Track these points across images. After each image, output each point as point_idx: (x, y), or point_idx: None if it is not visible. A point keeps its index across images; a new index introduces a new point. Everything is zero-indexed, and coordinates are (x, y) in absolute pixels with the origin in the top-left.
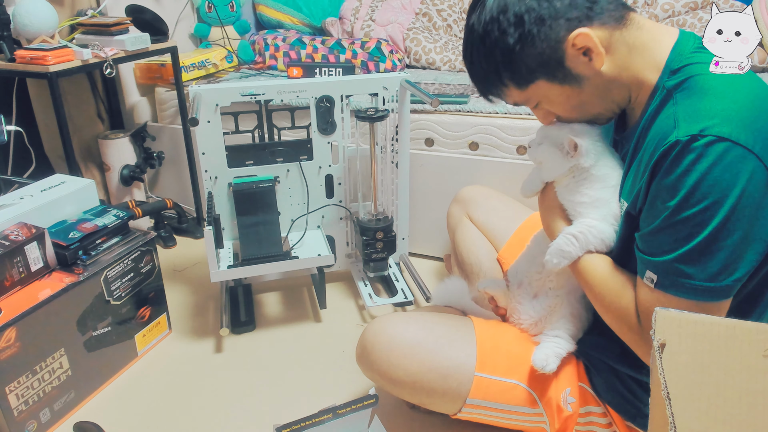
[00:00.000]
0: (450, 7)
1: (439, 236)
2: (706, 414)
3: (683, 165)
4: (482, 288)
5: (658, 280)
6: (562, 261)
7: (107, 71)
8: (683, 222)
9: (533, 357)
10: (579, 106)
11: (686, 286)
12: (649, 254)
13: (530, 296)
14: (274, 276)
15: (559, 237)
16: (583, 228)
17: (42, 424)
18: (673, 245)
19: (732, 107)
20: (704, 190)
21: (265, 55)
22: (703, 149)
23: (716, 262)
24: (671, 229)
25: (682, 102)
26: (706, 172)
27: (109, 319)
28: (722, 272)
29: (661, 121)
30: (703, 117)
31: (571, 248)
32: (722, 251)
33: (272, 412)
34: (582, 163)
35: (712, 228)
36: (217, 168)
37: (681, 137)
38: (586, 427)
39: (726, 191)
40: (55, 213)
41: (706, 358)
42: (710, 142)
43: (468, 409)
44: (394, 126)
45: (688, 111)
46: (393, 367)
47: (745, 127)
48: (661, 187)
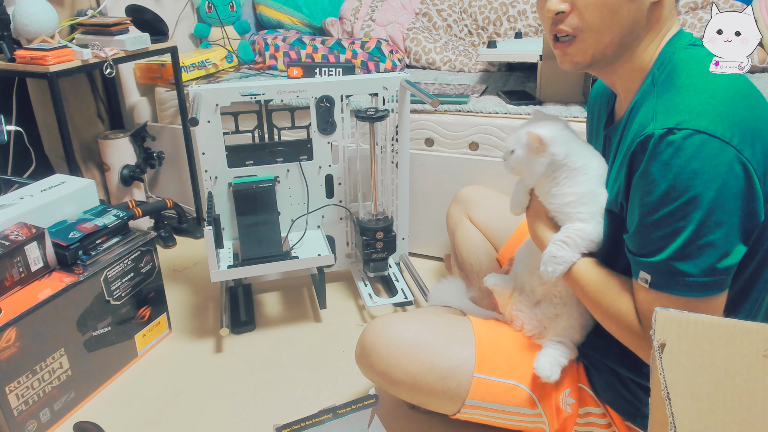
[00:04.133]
0: (450, 7)
1: (439, 236)
2: (706, 414)
3: (661, 159)
4: (490, 284)
5: (653, 279)
6: (557, 268)
7: (107, 71)
8: (667, 218)
9: (537, 365)
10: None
11: (681, 284)
12: (640, 255)
13: (532, 304)
14: (274, 276)
15: (549, 245)
16: (569, 233)
17: (42, 424)
18: (661, 243)
19: (710, 101)
20: (684, 183)
21: (265, 55)
22: (681, 142)
23: (707, 256)
24: (655, 227)
25: (662, 95)
26: (684, 165)
27: (109, 319)
28: (714, 265)
29: (643, 113)
30: (680, 111)
31: (564, 252)
32: (711, 245)
33: (272, 412)
34: (555, 155)
35: (696, 222)
36: (217, 168)
37: (657, 129)
38: (585, 428)
39: (706, 184)
40: (55, 213)
41: (706, 358)
42: (687, 135)
43: (467, 409)
44: (394, 126)
45: (667, 104)
46: (392, 367)
47: (722, 120)
48: (641, 182)
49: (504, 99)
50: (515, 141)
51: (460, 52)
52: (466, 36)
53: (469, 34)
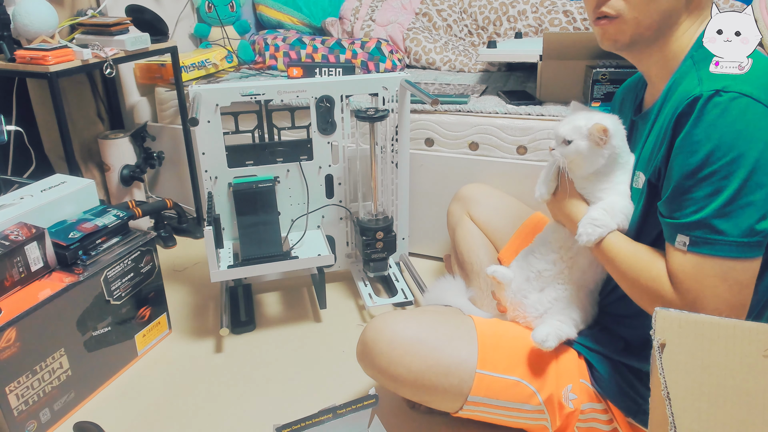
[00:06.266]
0: (450, 7)
1: (439, 236)
2: (706, 414)
3: (707, 119)
4: (490, 272)
5: (691, 240)
6: (595, 230)
7: (107, 71)
8: (709, 176)
9: (533, 333)
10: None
11: (720, 243)
12: (677, 217)
13: (537, 290)
14: (274, 276)
15: (589, 211)
16: (608, 204)
17: (42, 424)
18: (702, 202)
19: (753, 72)
20: (729, 143)
21: (265, 55)
22: (727, 104)
23: (747, 216)
24: (697, 187)
25: (705, 67)
26: (730, 125)
27: (109, 319)
28: (753, 226)
29: (685, 85)
30: (725, 77)
31: (603, 218)
32: (751, 205)
33: (272, 412)
34: (615, 147)
35: (739, 181)
36: (217, 168)
37: (705, 91)
38: (587, 424)
39: (750, 144)
40: (55, 213)
41: (706, 358)
42: (733, 97)
43: (469, 406)
44: (394, 126)
45: (711, 72)
46: (394, 364)
47: (765, 88)
48: (685, 143)
49: (504, 99)
50: (573, 131)
51: (460, 52)
52: (466, 36)
53: (469, 34)
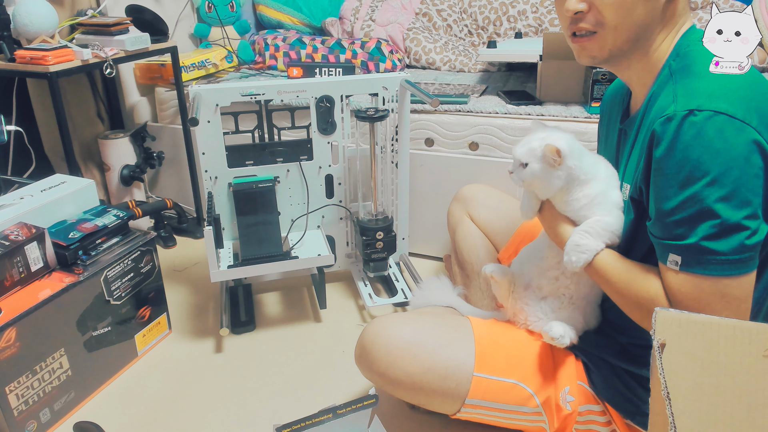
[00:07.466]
0: (450, 7)
1: (439, 236)
2: (706, 414)
3: (684, 140)
4: (488, 271)
5: (683, 260)
6: (580, 256)
7: (107, 71)
8: (691, 199)
9: (550, 328)
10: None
11: (713, 262)
12: (668, 239)
13: (538, 299)
14: (274, 276)
15: (572, 235)
16: (590, 224)
17: (42, 424)
18: (689, 224)
19: (728, 86)
20: (707, 163)
21: (265, 55)
22: (703, 123)
23: (736, 234)
24: (681, 209)
25: (681, 81)
26: (707, 146)
27: (109, 319)
28: (743, 242)
29: (662, 99)
30: (700, 94)
31: (587, 241)
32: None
33: (272, 412)
34: (572, 168)
35: (725, 201)
36: (217, 168)
37: (678, 110)
38: (585, 426)
39: (731, 162)
40: (55, 213)
41: (706, 358)
42: (708, 116)
43: (467, 409)
44: (394, 126)
45: (687, 88)
46: (392, 367)
47: (741, 104)
48: (664, 164)
49: (504, 99)
50: (528, 153)
51: (460, 52)
52: (466, 36)
53: (469, 34)
